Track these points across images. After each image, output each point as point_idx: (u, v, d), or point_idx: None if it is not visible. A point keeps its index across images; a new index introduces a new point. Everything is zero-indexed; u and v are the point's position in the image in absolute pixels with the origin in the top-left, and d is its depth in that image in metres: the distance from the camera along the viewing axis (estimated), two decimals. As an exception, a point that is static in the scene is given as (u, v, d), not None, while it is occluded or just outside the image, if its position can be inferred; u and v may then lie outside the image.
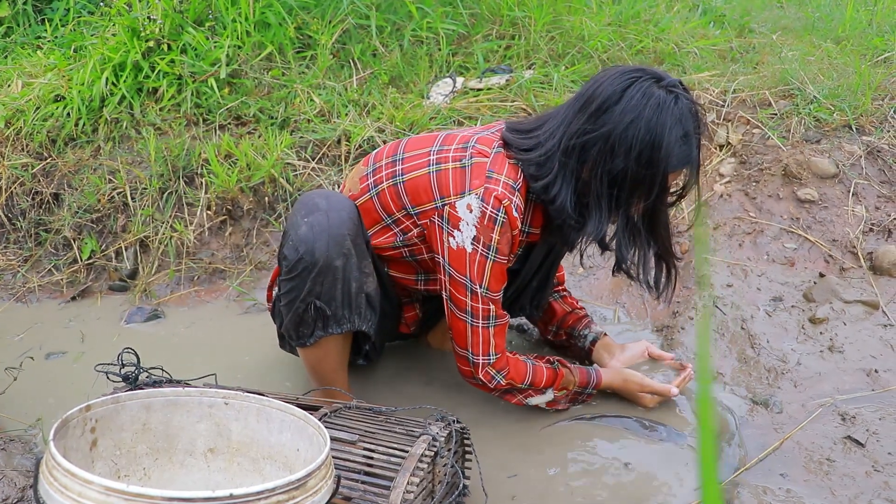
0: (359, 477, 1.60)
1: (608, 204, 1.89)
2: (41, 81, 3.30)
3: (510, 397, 2.12)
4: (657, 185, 1.86)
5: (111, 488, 1.25)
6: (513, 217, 1.91)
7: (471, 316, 1.98)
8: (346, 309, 1.93)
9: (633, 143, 1.82)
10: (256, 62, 3.24)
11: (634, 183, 1.86)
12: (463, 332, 2.01)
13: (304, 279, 1.88)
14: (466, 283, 1.94)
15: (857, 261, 2.71)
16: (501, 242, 1.92)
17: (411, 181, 1.96)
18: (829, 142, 3.00)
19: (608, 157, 1.84)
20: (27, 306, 2.87)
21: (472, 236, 1.90)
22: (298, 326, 1.96)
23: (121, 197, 3.02)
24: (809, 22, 3.97)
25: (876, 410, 2.17)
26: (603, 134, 1.84)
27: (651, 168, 1.84)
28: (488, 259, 1.93)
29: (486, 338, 2.00)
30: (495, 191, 1.88)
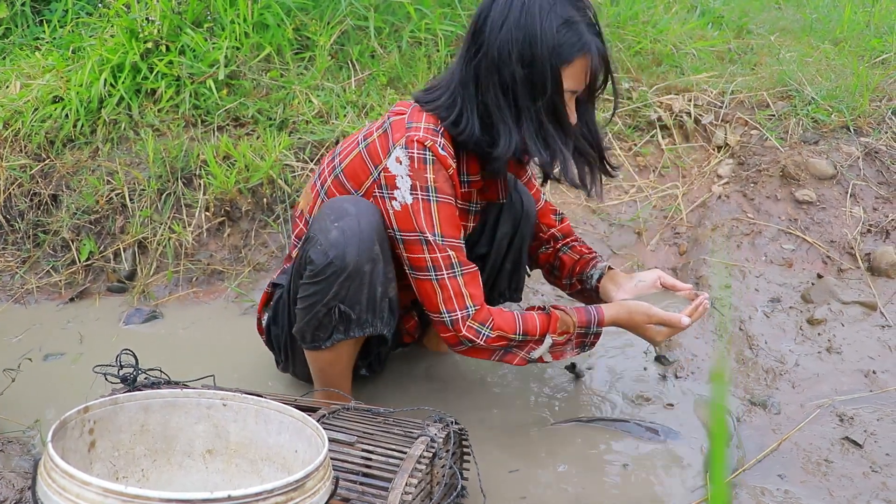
0: (357, 478, 1.60)
1: (511, 115, 1.86)
2: (39, 82, 3.30)
3: (511, 357, 1.97)
4: (549, 81, 1.82)
5: (109, 490, 1.25)
6: (441, 155, 1.87)
7: (433, 270, 1.89)
8: (370, 313, 1.91)
9: (511, 46, 1.81)
10: (255, 63, 3.24)
11: (526, 86, 1.83)
12: (431, 293, 1.91)
13: (331, 283, 1.85)
14: (418, 237, 1.88)
15: (855, 262, 2.71)
16: (438, 181, 1.88)
17: (348, 166, 1.97)
18: (826, 143, 3.01)
19: (495, 70, 1.84)
20: (25, 307, 2.87)
21: (408, 186, 1.86)
22: (316, 329, 1.93)
23: (119, 198, 3.02)
24: (807, 23, 3.98)
25: (874, 411, 2.17)
26: (484, 50, 1.84)
27: (536, 65, 1.81)
28: (431, 201, 1.87)
29: (456, 289, 1.90)
30: (416, 135, 1.87)
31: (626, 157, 3.13)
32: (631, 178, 3.08)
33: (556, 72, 1.82)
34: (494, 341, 1.93)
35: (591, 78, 1.87)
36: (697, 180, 3.05)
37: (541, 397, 2.28)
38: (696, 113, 3.20)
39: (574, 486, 1.96)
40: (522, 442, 2.11)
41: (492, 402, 2.25)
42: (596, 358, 2.44)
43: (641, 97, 3.27)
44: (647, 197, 3.02)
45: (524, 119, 1.86)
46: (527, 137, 1.87)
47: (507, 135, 1.87)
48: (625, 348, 2.47)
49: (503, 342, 1.94)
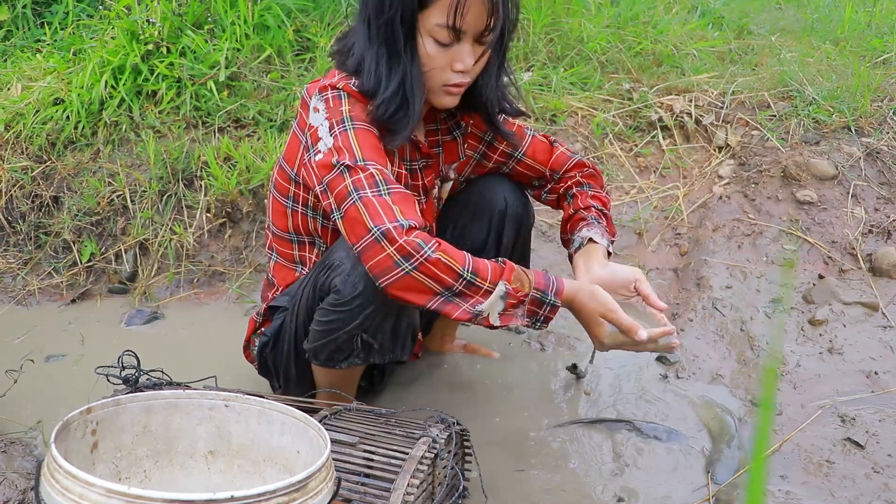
0: (359, 479, 1.60)
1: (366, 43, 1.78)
2: (40, 85, 3.30)
3: (452, 307, 1.64)
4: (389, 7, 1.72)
5: (112, 490, 1.25)
6: (354, 91, 1.78)
7: (355, 191, 1.67)
8: (392, 342, 1.85)
9: None
10: (255, 65, 3.24)
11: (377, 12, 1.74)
12: (356, 215, 1.66)
13: (356, 314, 1.77)
14: (339, 168, 1.70)
15: (856, 262, 2.71)
16: (355, 111, 1.76)
17: (286, 151, 1.93)
18: (828, 143, 3.01)
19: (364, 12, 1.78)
20: (27, 309, 2.87)
21: (327, 128, 1.75)
22: (333, 352, 1.85)
23: (120, 200, 3.02)
24: (808, 23, 3.98)
25: (875, 412, 2.17)
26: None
27: None
28: (348, 130, 1.74)
29: (384, 204, 1.66)
30: (330, 83, 1.80)
31: (626, 158, 3.13)
32: (632, 178, 3.08)
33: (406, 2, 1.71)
34: (436, 267, 1.61)
35: (457, 11, 1.70)
36: (698, 181, 3.05)
37: (542, 398, 2.28)
38: (696, 113, 3.20)
39: (576, 486, 1.96)
40: (524, 442, 2.11)
41: (493, 402, 2.25)
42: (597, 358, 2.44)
43: (642, 98, 3.27)
44: (648, 198, 3.02)
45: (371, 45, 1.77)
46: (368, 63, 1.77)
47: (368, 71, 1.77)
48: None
49: (447, 275, 1.62)
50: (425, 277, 1.62)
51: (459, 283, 1.63)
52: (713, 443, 2.09)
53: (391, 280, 1.63)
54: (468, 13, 1.71)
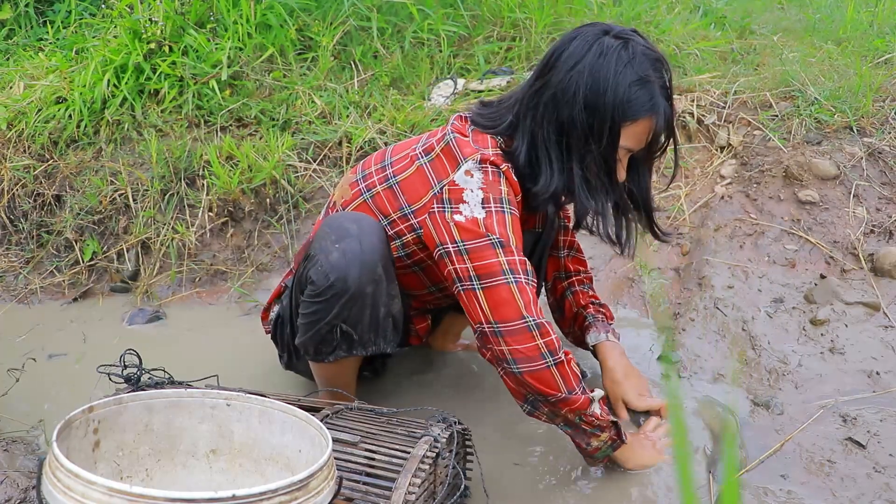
0: (360, 478, 1.60)
1: (558, 156, 1.83)
2: (43, 83, 3.30)
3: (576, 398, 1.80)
4: (606, 133, 1.79)
5: (114, 489, 1.25)
6: (513, 180, 1.84)
7: (511, 273, 1.76)
8: (373, 333, 1.89)
9: (577, 89, 1.77)
10: (258, 64, 3.25)
11: (582, 131, 1.79)
12: (510, 298, 1.76)
13: (332, 304, 1.82)
14: (492, 241, 1.77)
15: (858, 262, 2.71)
16: (510, 195, 1.83)
17: (406, 180, 1.91)
18: (830, 143, 3.00)
19: (554, 107, 1.80)
20: (29, 308, 2.88)
21: (480, 200, 1.79)
22: (319, 345, 1.90)
23: (122, 198, 3.02)
24: (810, 23, 3.98)
25: (877, 412, 2.17)
26: (549, 84, 1.81)
27: (597, 115, 1.78)
28: (505, 213, 1.80)
29: (534, 296, 1.80)
30: (490, 156, 1.83)
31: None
32: (634, 178, 3.08)
33: (617, 126, 1.79)
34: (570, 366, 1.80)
35: (651, 140, 1.85)
36: (700, 181, 3.05)
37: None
38: (698, 113, 3.20)
39: (577, 486, 1.96)
40: (526, 442, 2.11)
41: (495, 402, 2.25)
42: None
43: (644, 98, 3.26)
44: (650, 197, 3.01)
45: (574, 163, 1.83)
46: (573, 183, 1.84)
47: (548, 174, 1.83)
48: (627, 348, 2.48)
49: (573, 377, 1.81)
50: (559, 376, 1.78)
51: (579, 390, 1.81)
52: (715, 442, 2.09)
53: (533, 369, 1.77)
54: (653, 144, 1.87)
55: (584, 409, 1.81)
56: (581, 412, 1.81)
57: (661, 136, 1.86)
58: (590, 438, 1.86)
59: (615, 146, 1.81)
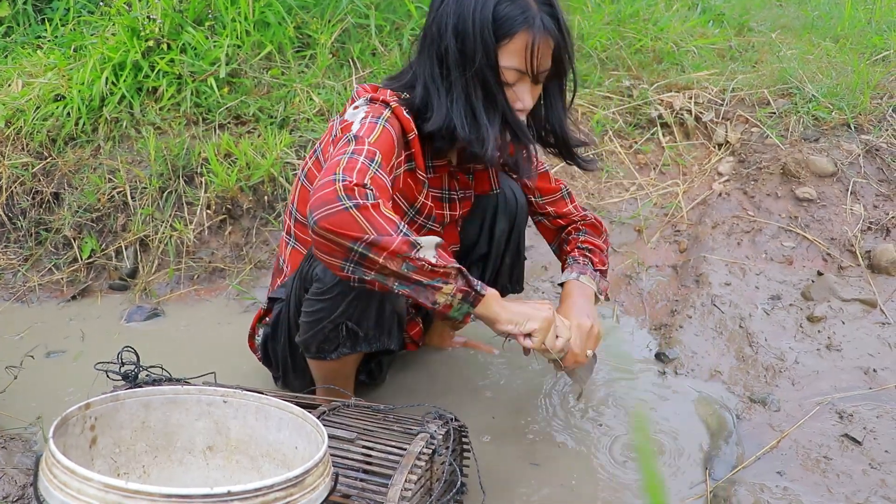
0: (357, 474, 1.60)
1: (442, 91, 1.82)
2: (41, 81, 3.30)
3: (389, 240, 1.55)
4: (479, 56, 1.76)
5: (110, 485, 1.25)
6: (403, 116, 1.83)
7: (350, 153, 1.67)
8: (378, 330, 1.86)
9: (447, 20, 1.78)
10: (256, 61, 3.25)
11: (456, 60, 1.78)
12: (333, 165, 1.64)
13: (339, 302, 1.80)
14: (348, 136, 1.73)
15: (855, 259, 2.71)
16: (391, 122, 1.80)
17: (323, 140, 1.94)
18: (827, 140, 3.01)
19: (432, 44, 1.82)
20: (27, 305, 2.88)
21: (360, 117, 1.79)
22: (322, 343, 1.87)
23: (121, 196, 3.02)
24: (808, 20, 3.98)
25: (873, 409, 2.18)
26: (428, 27, 1.83)
27: (467, 39, 1.76)
28: (378, 122, 1.77)
29: (363, 167, 1.64)
30: (380, 96, 1.85)
31: (626, 155, 3.14)
32: (631, 175, 3.08)
33: (490, 47, 1.76)
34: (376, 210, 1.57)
35: (532, 55, 1.78)
36: (698, 178, 3.06)
37: (540, 394, 2.28)
38: (696, 110, 3.20)
39: (573, 483, 1.96)
40: (522, 439, 2.11)
41: (491, 398, 2.26)
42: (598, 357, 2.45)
43: (642, 95, 3.27)
44: (648, 195, 3.02)
45: (453, 91, 1.81)
46: (453, 111, 1.81)
47: (438, 109, 1.82)
48: (624, 343, 2.48)
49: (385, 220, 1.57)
50: (363, 219, 1.55)
51: (397, 233, 1.57)
52: (711, 439, 2.09)
53: (327, 212, 1.55)
54: (539, 59, 1.79)
55: (403, 253, 1.56)
56: (404, 256, 1.56)
57: (543, 51, 1.79)
58: (433, 294, 1.61)
59: (493, 68, 1.78)
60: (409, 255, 1.57)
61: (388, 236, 1.55)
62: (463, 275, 1.64)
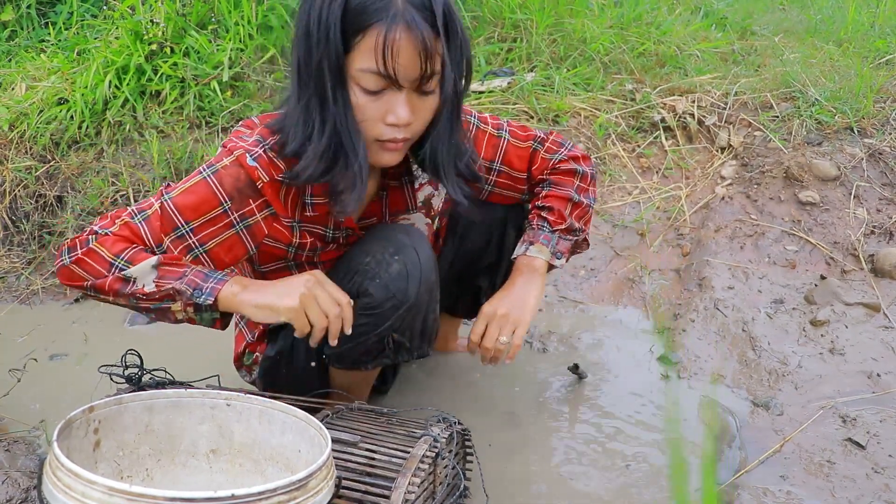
0: (360, 478, 1.60)
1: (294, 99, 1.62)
2: (45, 84, 3.31)
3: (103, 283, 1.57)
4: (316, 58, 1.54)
5: (114, 488, 1.25)
6: (248, 165, 1.63)
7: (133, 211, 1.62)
8: (421, 338, 1.83)
9: (299, 25, 1.58)
10: (259, 65, 3.25)
11: (298, 65, 1.59)
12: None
13: (388, 316, 1.74)
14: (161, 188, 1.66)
15: (858, 263, 2.71)
16: (226, 170, 1.63)
17: None
18: (830, 144, 3.01)
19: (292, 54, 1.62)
20: (31, 308, 2.88)
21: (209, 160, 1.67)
22: (361, 355, 1.82)
23: (124, 199, 3.03)
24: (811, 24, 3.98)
25: (877, 413, 2.17)
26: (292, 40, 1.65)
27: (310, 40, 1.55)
28: (202, 174, 1.63)
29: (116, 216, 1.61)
30: (235, 146, 1.66)
31: (629, 159, 3.14)
32: (634, 179, 3.08)
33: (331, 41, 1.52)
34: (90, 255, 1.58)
35: (386, 53, 1.51)
36: (700, 182, 3.06)
37: (544, 398, 2.28)
38: (699, 114, 3.20)
39: (576, 486, 1.96)
40: (525, 442, 2.11)
41: (494, 402, 2.26)
42: (599, 358, 2.45)
43: (645, 98, 3.27)
44: (651, 198, 3.02)
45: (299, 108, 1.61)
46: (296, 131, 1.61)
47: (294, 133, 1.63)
48: (627, 348, 2.48)
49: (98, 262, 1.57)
50: (78, 268, 1.58)
51: (111, 272, 1.57)
52: (714, 443, 2.09)
53: (56, 268, 1.61)
54: (398, 57, 1.51)
55: (118, 290, 1.57)
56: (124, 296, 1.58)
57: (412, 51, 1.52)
58: (170, 314, 1.61)
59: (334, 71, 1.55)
60: (125, 292, 1.57)
61: (102, 279, 1.57)
62: (181, 293, 1.57)
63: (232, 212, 1.65)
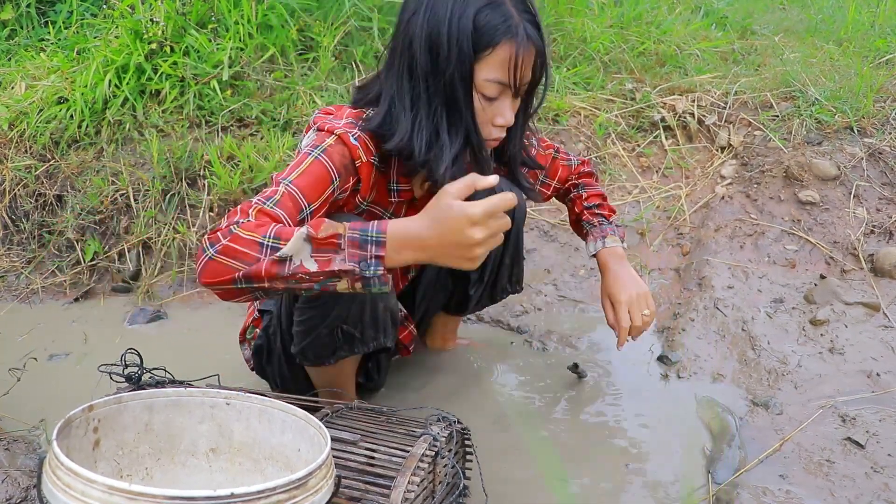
0: (360, 476, 1.60)
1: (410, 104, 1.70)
2: (44, 83, 3.31)
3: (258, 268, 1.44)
4: (451, 70, 1.65)
5: (114, 487, 1.25)
6: (351, 143, 1.71)
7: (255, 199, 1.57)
8: (373, 329, 1.85)
9: (419, 31, 1.66)
10: (259, 64, 3.25)
11: (425, 74, 1.68)
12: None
13: (331, 307, 1.77)
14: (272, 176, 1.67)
15: (858, 263, 2.71)
16: (333, 149, 1.69)
17: None
18: (830, 144, 3.01)
19: (402, 59, 1.70)
20: (30, 307, 2.88)
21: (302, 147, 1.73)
22: (319, 349, 1.86)
23: (123, 199, 3.03)
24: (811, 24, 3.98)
25: (876, 412, 2.17)
26: (396, 40, 1.72)
27: (441, 51, 1.65)
28: (311, 154, 1.68)
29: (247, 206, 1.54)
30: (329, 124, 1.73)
31: (629, 158, 3.14)
32: (634, 178, 3.08)
33: (464, 56, 1.64)
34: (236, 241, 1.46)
35: (516, 67, 1.67)
36: (700, 181, 3.06)
37: (543, 397, 2.28)
38: (699, 114, 3.20)
39: (575, 486, 1.96)
40: (525, 441, 2.11)
41: (494, 401, 2.26)
42: (598, 358, 2.45)
43: (645, 98, 3.27)
44: (651, 198, 3.02)
45: (418, 108, 1.70)
46: (414, 128, 1.70)
47: (400, 127, 1.71)
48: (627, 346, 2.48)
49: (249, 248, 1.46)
50: (226, 258, 1.47)
51: (262, 253, 1.46)
52: (714, 442, 2.09)
53: (199, 272, 1.49)
54: (523, 69, 1.69)
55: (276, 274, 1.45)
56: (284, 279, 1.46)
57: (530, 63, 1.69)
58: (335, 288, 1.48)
59: (466, 82, 1.67)
60: (284, 274, 1.45)
61: (256, 263, 1.45)
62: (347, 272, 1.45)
63: (337, 188, 1.72)
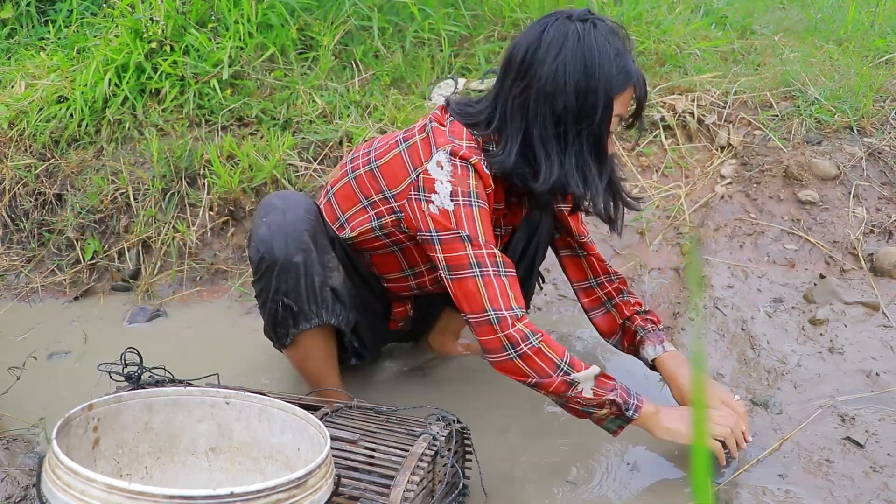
0: (359, 476, 1.60)
1: (556, 146, 1.84)
2: (44, 82, 3.31)
3: (549, 382, 1.81)
4: (600, 111, 1.82)
5: (113, 486, 1.26)
6: (483, 173, 1.86)
7: (477, 267, 1.82)
8: (313, 304, 1.94)
9: (568, 77, 1.79)
10: (259, 63, 3.25)
11: (575, 117, 1.81)
12: (475, 291, 1.82)
13: (270, 279, 1.90)
14: (460, 235, 1.83)
15: (857, 262, 2.71)
16: (479, 188, 1.86)
17: (385, 164, 1.96)
18: (830, 143, 3.01)
19: (546, 101, 1.81)
20: (30, 306, 2.88)
21: (449, 192, 1.84)
22: (275, 327, 1.98)
23: (123, 198, 3.03)
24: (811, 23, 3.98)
25: (875, 412, 2.17)
26: (535, 81, 1.81)
27: (589, 96, 1.80)
28: (473, 206, 1.84)
29: (502, 287, 1.82)
30: (461, 149, 1.86)
31: (628, 158, 3.14)
32: (634, 178, 3.08)
33: (610, 101, 1.82)
34: (538, 355, 1.80)
35: (636, 105, 1.89)
36: (700, 181, 3.06)
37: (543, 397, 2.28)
38: (699, 113, 3.20)
39: (576, 485, 1.96)
40: (525, 441, 2.11)
41: (494, 401, 2.26)
42: (598, 357, 2.45)
43: (644, 97, 3.26)
44: (650, 197, 3.02)
45: (568, 151, 1.84)
46: (566, 168, 1.85)
47: (548, 166, 1.84)
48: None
49: (546, 365, 1.80)
50: (525, 366, 1.80)
51: (557, 374, 1.80)
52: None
53: (498, 360, 1.82)
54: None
55: (561, 393, 1.82)
56: (561, 395, 1.83)
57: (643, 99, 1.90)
58: (585, 414, 1.87)
59: (608, 121, 1.84)
60: (567, 395, 1.82)
61: (548, 378, 1.81)
62: (616, 404, 1.83)
63: None
